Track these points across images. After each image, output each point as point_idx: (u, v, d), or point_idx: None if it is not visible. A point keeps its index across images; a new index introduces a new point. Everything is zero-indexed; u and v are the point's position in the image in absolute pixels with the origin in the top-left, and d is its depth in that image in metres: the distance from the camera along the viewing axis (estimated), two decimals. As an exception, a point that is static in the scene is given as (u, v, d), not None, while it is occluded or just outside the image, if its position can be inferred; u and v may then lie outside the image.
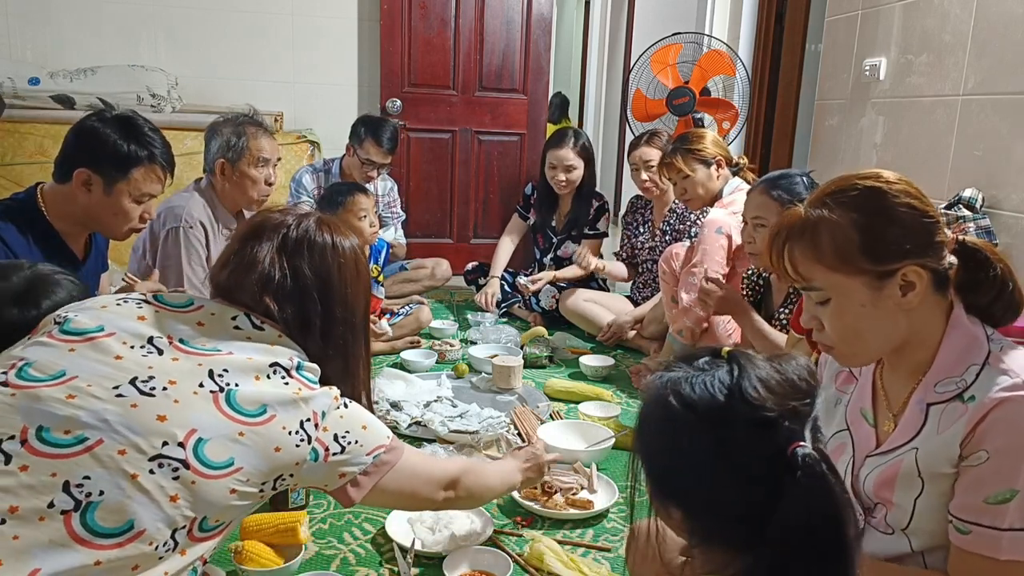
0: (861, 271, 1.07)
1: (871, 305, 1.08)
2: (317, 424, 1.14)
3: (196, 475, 1.01)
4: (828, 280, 1.10)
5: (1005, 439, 1.00)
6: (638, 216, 3.55)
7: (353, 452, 1.18)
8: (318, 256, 1.25)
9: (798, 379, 0.83)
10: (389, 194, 3.82)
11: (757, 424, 0.80)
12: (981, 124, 2.56)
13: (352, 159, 3.50)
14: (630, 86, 3.82)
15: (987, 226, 2.45)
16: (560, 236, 3.76)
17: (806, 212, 1.11)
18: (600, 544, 1.72)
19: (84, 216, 1.87)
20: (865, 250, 1.07)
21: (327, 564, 1.61)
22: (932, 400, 1.09)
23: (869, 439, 1.20)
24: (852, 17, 3.27)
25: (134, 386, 1.04)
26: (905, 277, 1.07)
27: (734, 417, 0.80)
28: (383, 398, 2.38)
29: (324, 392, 1.17)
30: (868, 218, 1.07)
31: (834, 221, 1.08)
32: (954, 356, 1.09)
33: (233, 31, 4.08)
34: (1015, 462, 1.00)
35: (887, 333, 1.11)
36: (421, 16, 4.12)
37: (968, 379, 1.06)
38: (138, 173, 1.85)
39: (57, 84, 3.62)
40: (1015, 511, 1.00)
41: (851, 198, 1.09)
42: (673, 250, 2.86)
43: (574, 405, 2.54)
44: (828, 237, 1.08)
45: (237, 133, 2.52)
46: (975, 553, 1.03)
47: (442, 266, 3.89)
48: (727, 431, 0.81)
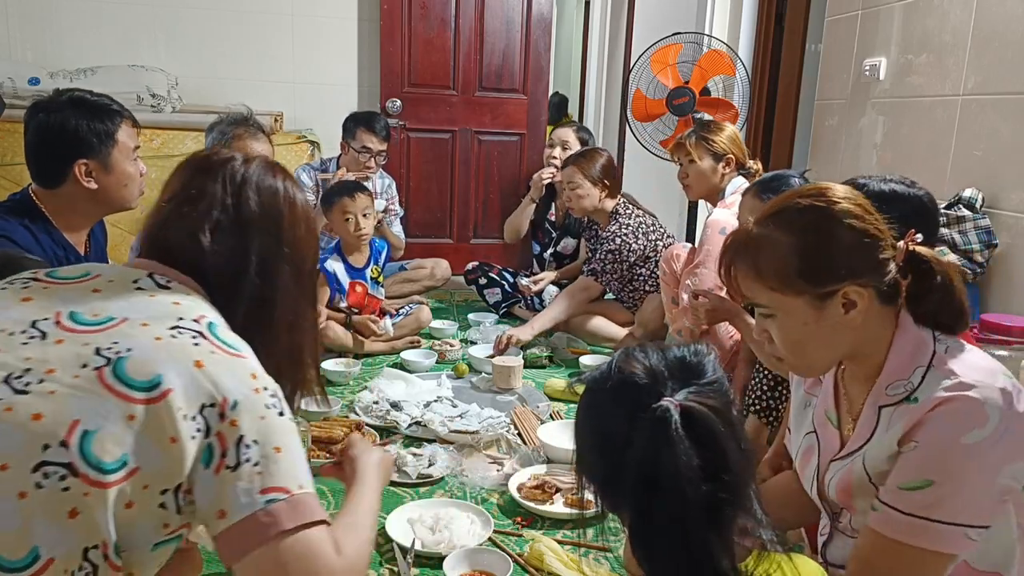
0: (801, 292, 1.09)
1: (814, 323, 1.10)
2: (224, 413, 0.87)
3: (87, 484, 0.82)
4: (770, 299, 1.11)
5: (936, 434, 1.03)
6: (593, 230, 3.46)
7: (245, 477, 0.87)
8: (267, 194, 1.08)
9: (677, 356, 0.91)
10: (388, 190, 3.83)
11: (621, 385, 0.90)
12: (981, 124, 2.56)
13: (349, 156, 3.51)
14: (630, 86, 3.82)
15: (987, 226, 2.45)
16: (559, 231, 3.77)
17: (752, 230, 1.13)
18: (600, 544, 1.72)
19: (95, 205, 1.88)
20: (803, 273, 1.08)
21: (327, 564, 1.60)
22: (883, 403, 1.11)
23: (834, 441, 1.22)
24: (852, 17, 3.27)
25: (8, 385, 0.85)
26: (846, 296, 1.08)
27: (605, 382, 0.92)
28: (383, 398, 2.38)
29: (243, 366, 0.92)
30: (807, 240, 1.08)
31: (774, 242, 1.10)
32: (902, 360, 1.10)
33: (233, 31, 4.08)
34: (938, 455, 1.02)
35: (832, 347, 1.13)
36: (421, 16, 4.12)
37: (915, 381, 1.08)
38: (120, 135, 1.88)
39: (57, 84, 3.60)
40: (921, 500, 1.02)
41: (791, 219, 1.10)
42: (674, 251, 2.84)
43: (574, 405, 2.53)
44: (768, 258, 1.10)
45: (224, 133, 2.53)
46: (873, 529, 1.07)
47: (441, 266, 3.90)
48: (600, 396, 0.92)
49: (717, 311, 2.23)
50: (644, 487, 0.83)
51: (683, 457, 0.81)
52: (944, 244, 2.48)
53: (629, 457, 0.84)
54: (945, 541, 1.01)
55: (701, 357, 0.92)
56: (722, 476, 0.83)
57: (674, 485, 0.81)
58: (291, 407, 0.99)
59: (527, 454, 2.07)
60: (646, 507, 0.84)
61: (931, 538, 1.02)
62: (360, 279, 3.06)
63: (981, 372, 1.05)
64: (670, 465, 0.81)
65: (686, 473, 0.81)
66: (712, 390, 0.88)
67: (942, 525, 1.01)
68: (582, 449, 0.95)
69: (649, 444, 0.83)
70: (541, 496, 1.85)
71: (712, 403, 0.86)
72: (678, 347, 0.92)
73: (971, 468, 1.01)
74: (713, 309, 2.24)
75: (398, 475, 1.97)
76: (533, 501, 1.84)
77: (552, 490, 1.86)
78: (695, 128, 2.87)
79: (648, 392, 0.86)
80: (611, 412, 0.90)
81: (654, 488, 0.82)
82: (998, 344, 1.99)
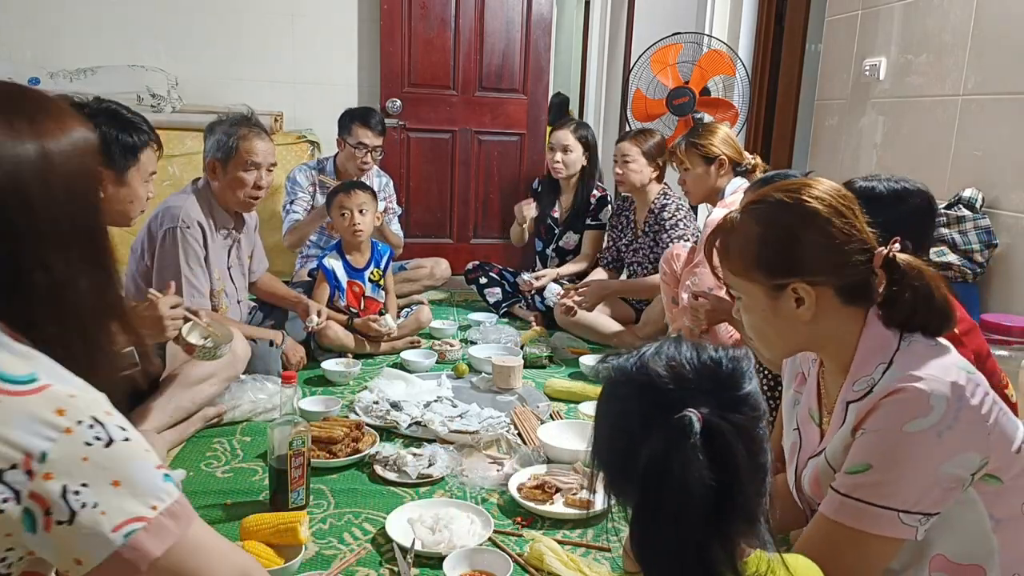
0: (756, 280, 1.16)
1: (770, 312, 1.16)
2: (31, 470, 0.72)
3: None
4: (735, 283, 1.19)
5: (881, 421, 1.07)
6: (623, 218, 3.55)
7: (87, 524, 0.74)
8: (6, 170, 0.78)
9: (712, 362, 0.88)
10: (385, 189, 3.83)
11: (648, 387, 0.86)
12: (981, 124, 2.56)
13: (345, 152, 3.52)
14: (630, 86, 3.82)
15: (987, 226, 2.45)
16: (562, 227, 3.78)
17: (733, 215, 1.19)
18: (600, 544, 1.72)
19: None
20: (758, 263, 1.15)
21: (327, 564, 1.60)
22: (851, 399, 1.14)
23: (815, 438, 1.25)
24: (852, 17, 3.27)
25: None
26: (796, 291, 1.13)
27: (633, 380, 0.88)
28: (383, 398, 2.38)
29: (42, 405, 0.73)
30: (767, 231, 1.14)
31: (743, 230, 1.17)
32: (865, 356, 1.14)
33: (233, 31, 4.08)
34: (879, 441, 1.06)
35: (789, 337, 1.18)
36: (421, 16, 4.12)
37: (876, 377, 1.11)
38: (144, 155, 1.92)
39: (57, 84, 3.62)
40: (860, 481, 1.06)
41: (761, 210, 1.17)
42: (674, 251, 2.84)
43: (574, 405, 2.54)
44: (736, 244, 1.18)
45: (229, 133, 2.52)
46: (823, 515, 1.11)
47: (441, 266, 3.90)
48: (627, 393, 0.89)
49: (716, 311, 2.24)
50: (651, 490, 0.82)
51: (695, 473, 0.80)
52: (944, 244, 2.48)
53: (642, 456, 0.83)
54: (878, 524, 1.05)
55: (737, 365, 0.89)
56: (733, 497, 0.82)
57: (679, 497, 0.80)
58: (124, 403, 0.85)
59: (527, 454, 2.07)
60: (650, 508, 0.83)
61: (865, 520, 1.05)
62: (358, 279, 3.06)
63: (936, 367, 1.08)
64: (680, 477, 0.80)
65: (695, 488, 0.80)
66: (744, 404, 0.86)
67: (875, 508, 1.05)
68: (597, 435, 0.94)
69: (663, 451, 0.81)
70: (541, 496, 1.85)
71: (739, 420, 0.84)
72: (716, 349, 0.89)
73: (909, 455, 1.04)
74: (712, 309, 2.24)
75: (398, 475, 1.97)
76: (533, 501, 1.84)
77: (552, 490, 1.86)
78: (685, 134, 2.87)
79: (672, 397, 0.84)
80: (630, 408, 0.88)
81: (659, 493, 0.81)
82: (998, 344, 1.99)
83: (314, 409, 2.33)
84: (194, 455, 2.10)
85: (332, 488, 1.93)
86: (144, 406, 2.10)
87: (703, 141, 2.75)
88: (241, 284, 2.73)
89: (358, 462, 2.06)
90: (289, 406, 1.79)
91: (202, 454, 2.10)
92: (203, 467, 2.03)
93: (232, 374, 2.31)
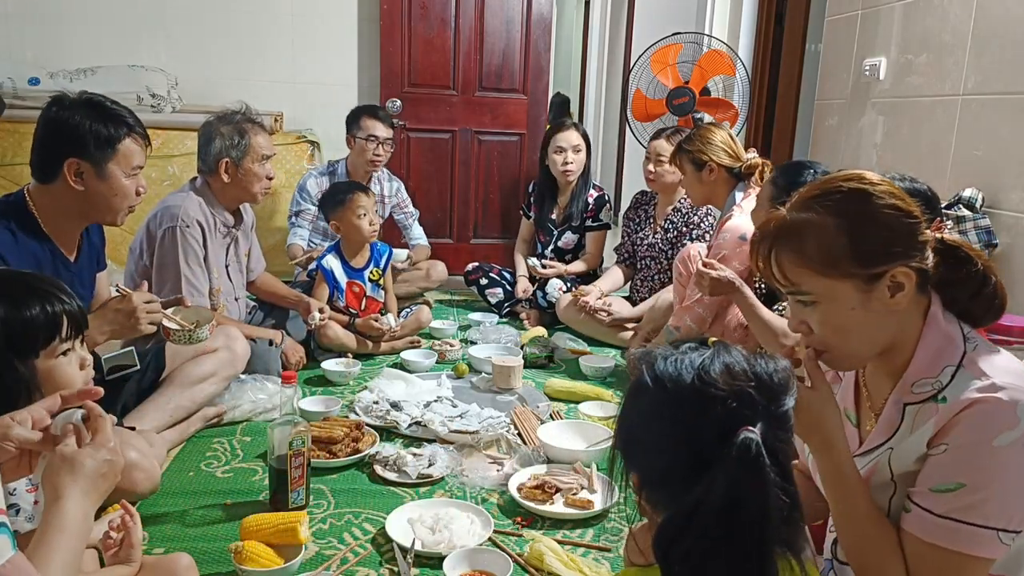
0: (850, 275, 1.07)
1: (860, 308, 1.08)
2: None
3: None
4: (816, 284, 1.09)
5: (966, 436, 1.02)
6: (641, 212, 3.56)
7: None
8: None
9: (765, 374, 0.85)
10: (397, 194, 3.83)
11: (709, 400, 0.83)
12: (981, 124, 2.56)
13: (355, 149, 3.52)
14: (630, 86, 3.82)
15: (987, 226, 2.45)
16: (560, 228, 3.78)
17: (790, 215, 1.11)
18: (600, 544, 1.72)
19: (82, 208, 1.85)
20: (853, 254, 1.07)
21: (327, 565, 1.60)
22: (908, 400, 1.10)
23: (852, 440, 1.21)
24: (852, 17, 3.27)
25: None
26: (894, 278, 1.06)
27: (691, 391, 0.84)
28: (383, 398, 2.38)
29: None
30: (854, 221, 1.07)
31: (820, 225, 1.08)
32: (930, 356, 1.09)
33: (233, 31, 4.08)
34: (970, 458, 1.01)
35: (876, 334, 1.11)
36: (421, 16, 4.12)
37: (943, 380, 1.06)
38: (123, 146, 1.85)
39: (57, 84, 3.62)
40: (954, 502, 1.02)
41: (836, 201, 1.09)
42: (689, 252, 2.80)
43: (574, 405, 2.54)
44: (815, 241, 1.08)
45: (240, 132, 2.53)
46: (906, 531, 1.06)
47: (437, 268, 3.90)
48: (683, 404, 0.85)
49: (720, 281, 2.25)
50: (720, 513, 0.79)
51: (772, 495, 0.78)
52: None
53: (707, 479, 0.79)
54: (978, 544, 1.01)
55: (784, 378, 0.86)
56: (793, 512, 0.81)
57: (757, 517, 0.78)
58: None
59: (527, 454, 2.07)
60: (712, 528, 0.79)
61: (964, 541, 1.01)
62: (358, 279, 3.06)
63: (1012, 375, 1.04)
64: (758, 502, 0.78)
65: (774, 511, 0.78)
66: (788, 419, 0.84)
67: (975, 528, 1.00)
68: (635, 442, 0.91)
69: (734, 473, 0.79)
70: (541, 496, 1.85)
71: (785, 437, 0.83)
72: (765, 361, 0.86)
73: (1002, 470, 1.00)
74: (716, 280, 2.24)
75: (398, 475, 1.97)
76: (533, 501, 1.84)
77: (552, 490, 1.86)
78: (680, 141, 2.85)
79: (733, 416, 0.81)
80: (687, 421, 0.84)
81: (730, 517, 0.78)
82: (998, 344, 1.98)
83: (314, 409, 2.33)
84: (194, 455, 2.10)
85: (332, 488, 1.93)
86: (143, 406, 2.10)
87: (692, 147, 2.74)
88: (238, 281, 2.73)
89: (358, 462, 2.06)
90: (289, 406, 1.79)
91: (202, 454, 2.10)
92: (203, 467, 2.03)
93: (231, 373, 2.31)
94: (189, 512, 1.79)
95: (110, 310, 1.83)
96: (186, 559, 1.34)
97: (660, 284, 3.31)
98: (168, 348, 2.21)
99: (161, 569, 1.31)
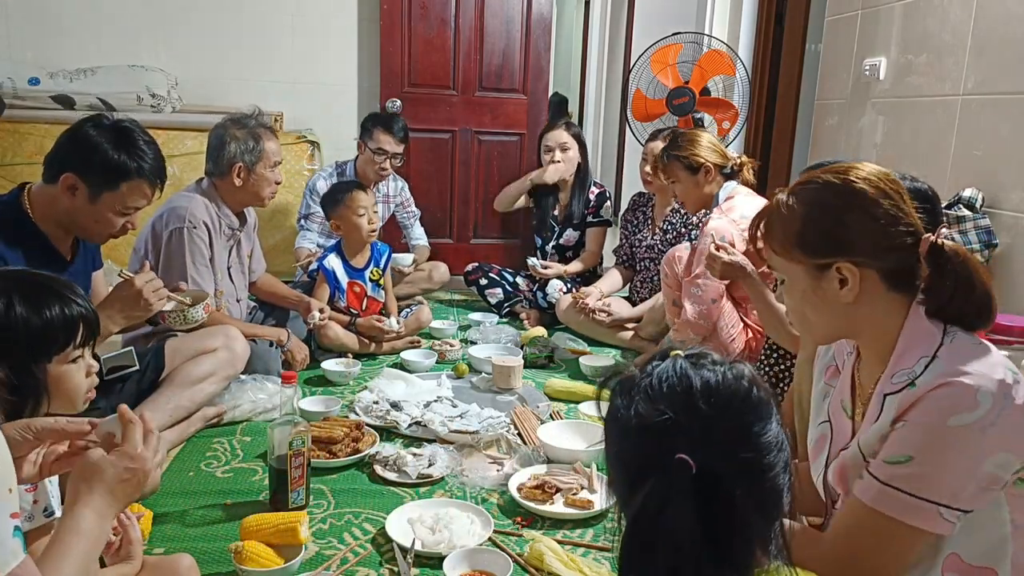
0: (799, 260, 1.15)
1: (811, 292, 1.16)
2: None
3: None
4: (777, 263, 1.20)
5: (925, 415, 1.05)
6: (639, 214, 3.56)
7: None
8: None
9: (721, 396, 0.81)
10: (401, 193, 3.84)
11: (645, 428, 0.82)
12: (981, 124, 2.56)
13: (365, 156, 3.52)
14: (630, 86, 3.82)
15: (987, 226, 2.45)
16: (561, 224, 3.78)
17: (781, 198, 1.19)
18: (600, 544, 1.72)
19: (65, 218, 1.84)
20: (800, 242, 1.15)
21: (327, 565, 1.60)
22: (888, 391, 1.13)
23: (847, 431, 1.24)
24: (852, 17, 3.27)
25: None
26: (839, 271, 1.12)
27: (630, 417, 0.83)
28: (383, 398, 2.38)
29: None
30: (813, 212, 1.14)
31: (788, 210, 1.17)
32: (907, 348, 1.13)
33: (233, 31, 4.07)
34: (922, 434, 1.05)
35: (830, 320, 1.18)
36: (421, 16, 4.12)
37: (917, 370, 1.09)
38: (126, 187, 1.83)
39: (57, 84, 3.62)
40: (900, 471, 1.06)
41: (808, 191, 1.17)
42: (676, 253, 2.83)
43: (574, 405, 2.54)
44: (779, 225, 1.18)
45: (255, 137, 2.55)
46: (854, 495, 1.11)
47: (440, 270, 3.91)
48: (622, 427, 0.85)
49: (731, 265, 2.27)
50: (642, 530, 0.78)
51: (685, 524, 0.76)
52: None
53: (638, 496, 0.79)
54: (917, 515, 1.04)
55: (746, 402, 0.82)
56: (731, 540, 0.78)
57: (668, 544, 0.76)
58: None
59: (527, 454, 2.07)
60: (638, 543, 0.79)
61: (904, 510, 1.05)
62: (359, 279, 3.06)
63: (983, 364, 1.06)
64: (671, 527, 0.76)
65: (683, 540, 0.76)
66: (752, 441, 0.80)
67: (915, 499, 1.04)
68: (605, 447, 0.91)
69: (656, 496, 0.77)
70: (541, 496, 1.85)
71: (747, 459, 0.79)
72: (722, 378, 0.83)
73: (952, 449, 1.03)
74: (729, 264, 2.26)
75: (398, 475, 1.97)
76: (533, 501, 1.84)
77: (552, 490, 1.86)
78: (665, 147, 2.83)
79: (670, 438, 0.79)
80: (629, 444, 0.85)
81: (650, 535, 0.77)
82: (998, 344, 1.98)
83: (314, 409, 2.33)
84: (194, 455, 2.10)
85: (332, 488, 1.93)
86: (143, 406, 2.10)
87: (684, 152, 2.71)
88: (240, 283, 2.73)
89: (358, 462, 2.06)
90: (289, 406, 1.79)
91: (202, 454, 2.10)
92: (203, 467, 2.03)
93: (231, 373, 2.31)
94: (189, 512, 1.79)
95: (117, 299, 1.85)
96: (187, 560, 1.34)
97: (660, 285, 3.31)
98: (168, 348, 2.21)
99: (162, 569, 1.31)
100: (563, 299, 3.43)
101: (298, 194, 3.77)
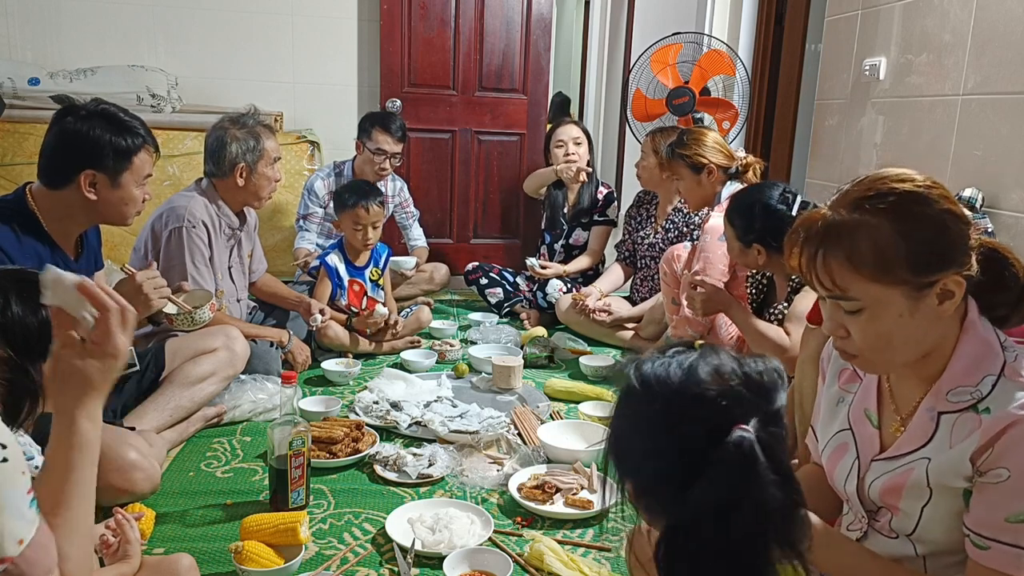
0: (903, 281, 1.02)
1: (908, 315, 1.03)
2: None
3: None
4: (866, 290, 1.03)
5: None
6: (642, 211, 3.56)
7: None
8: None
9: (755, 374, 0.83)
10: (400, 193, 3.84)
11: (699, 400, 0.81)
12: (981, 124, 2.56)
13: (363, 156, 3.52)
14: (630, 86, 3.82)
15: (987, 226, 2.45)
16: (570, 223, 3.79)
17: (839, 216, 1.04)
18: (600, 544, 1.72)
19: (91, 214, 1.88)
20: (910, 261, 1.01)
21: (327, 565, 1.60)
22: (944, 409, 1.06)
23: (873, 441, 1.18)
24: (852, 17, 3.27)
25: None
26: (945, 286, 1.02)
27: (681, 393, 0.82)
28: (383, 398, 2.38)
29: None
30: (910, 226, 1.01)
31: (875, 228, 1.02)
32: (967, 365, 1.05)
33: (233, 31, 4.08)
34: None
35: (917, 342, 1.06)
36: (421, 16, 4.12)
37: (983, 390, 1.03)
38: (137, 159, 1.89)
39: (57, 84, 3.61)
40: None
41: (890, 204, 1.02)
42: (675, 251, 2.84)
43: (574, 405, 2.54)
44: (868, 246, 1.02)
45: (255, 136, 2.55)
46: (994, 569, 1.01)
47: (441, 271, 3.91)
48: (673, 405, 0.83)
49: (711, 299, 2.24)
50: (718, 517, 0.77)
51: (771, 491, 0.76)
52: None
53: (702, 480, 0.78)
54: None
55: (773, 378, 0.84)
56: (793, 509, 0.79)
57: (756, 517, 0.76)
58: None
59: (527, 454, 2.07)
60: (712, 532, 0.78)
61: None
62: (359, 278, 3.06)
63: None
64: (757, 499, 0.76)
65: (772, 506, 0.76)
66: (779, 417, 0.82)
67: None
68: (627, 448, 0.88)
69: (729, 473, 0.77)
70: (541, 496, 1.85)
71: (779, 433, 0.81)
72: (753, 361, 0.85)
73: None
74: (708, 299, 2.24)
75: (398, 475, 1.97)
76: (533, 501, 1.84)
77: (552, 490, 1.86)
78: (670, 144, 2.84)
79: (725, 415, 0.79)
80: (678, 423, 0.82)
81: (728, 518, 0.77)
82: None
83: (314, 409, 2.33)
84: (194, 455, 2.10)
85: (332, 488, 1.93)
86: (143, 406, 2.10)
87: (688, 151, 2.71)
88: (241, 283, 2.73)
89: (358, 462, 2.06)
90: (289, 406, 1.79)
91: (202, 454, 2.10)
92: (203, 467, 2.03)
93: (231, 373, 2.31)
94: (189, 512, 1.79)
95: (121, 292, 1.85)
96: (187, 560, 1.34)
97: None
98: (168, 348, 2.21)
99: (162, 569, 1.31)
100: (563, 299, 3.43)
101: (298, 194, 3.77)
